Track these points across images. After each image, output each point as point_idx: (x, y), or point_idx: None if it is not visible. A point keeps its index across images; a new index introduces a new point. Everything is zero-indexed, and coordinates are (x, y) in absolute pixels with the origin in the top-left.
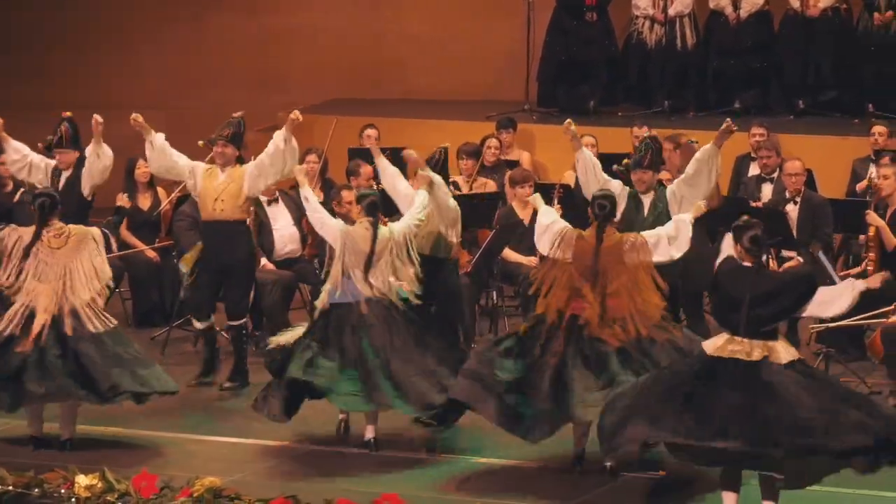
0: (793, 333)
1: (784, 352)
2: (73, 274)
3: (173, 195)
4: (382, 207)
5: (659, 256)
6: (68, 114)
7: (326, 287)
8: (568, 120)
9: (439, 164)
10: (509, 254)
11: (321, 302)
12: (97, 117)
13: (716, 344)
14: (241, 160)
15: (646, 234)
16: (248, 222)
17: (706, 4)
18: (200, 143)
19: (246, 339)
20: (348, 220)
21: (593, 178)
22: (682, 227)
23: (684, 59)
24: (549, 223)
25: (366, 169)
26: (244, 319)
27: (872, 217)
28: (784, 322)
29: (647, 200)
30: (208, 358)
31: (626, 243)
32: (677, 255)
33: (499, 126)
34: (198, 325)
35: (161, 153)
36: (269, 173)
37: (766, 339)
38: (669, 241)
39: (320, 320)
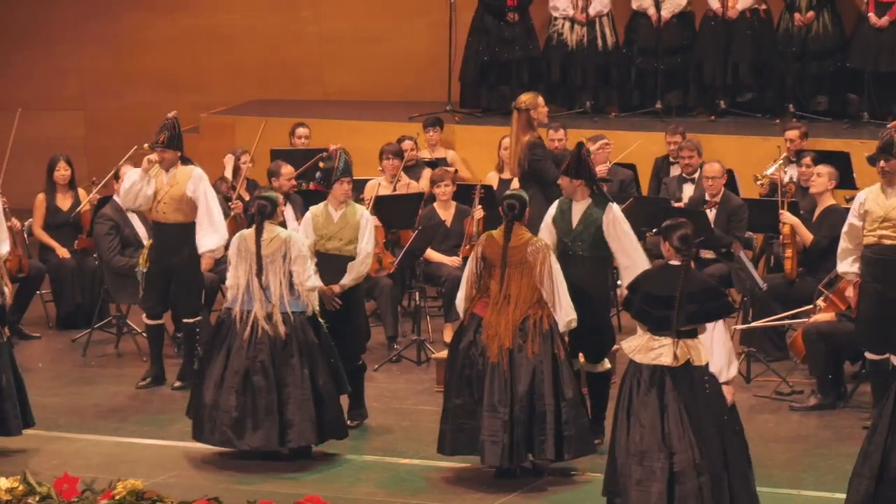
0: None
1: (704, 352)
2: None
3: (91, 195)
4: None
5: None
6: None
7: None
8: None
9: (339, 168)
10: (431, 254)
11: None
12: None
13: (637, 345)
14: (186, 160)
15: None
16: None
17: (627, 5)
18: (146, 145)
19: (198, 340)
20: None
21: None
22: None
23: (605, 60)
24: None
25: (287, 169)
26: (194, 319)
27: (786, 216)
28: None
29: (577, 209)
30: (155, 358)
31: (531, 245)
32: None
33: (426, 125)
34: (147, 321)
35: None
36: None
37: (687, 338)
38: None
39: (214, 328)
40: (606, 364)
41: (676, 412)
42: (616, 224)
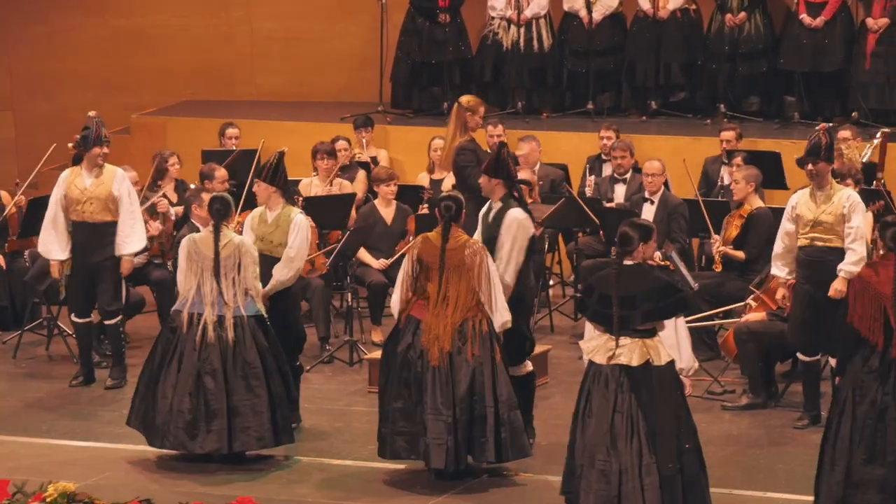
0: None
1: (664, 351)
2: None
3: (17, 197)
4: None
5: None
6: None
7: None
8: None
9: (271, 171)
10: (362, 255)
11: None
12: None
13: (595, 346)
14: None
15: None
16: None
17: (561, 6)
18: (70, 144)
19: (123, 337)
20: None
21: None
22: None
23: (541, 62)
24: None
25: (220, 172)
26: (118, 318)
27: (718, 249)
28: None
29: (495, 208)
30: (84, 356)
31: (469, 247)
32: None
33: (357, 125)
34: (76, 319)
35: None
36: None
37: (646, 337)
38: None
39: (165, 332)
40: (529, 366)
41: (628, 413)
42: (510, 228)
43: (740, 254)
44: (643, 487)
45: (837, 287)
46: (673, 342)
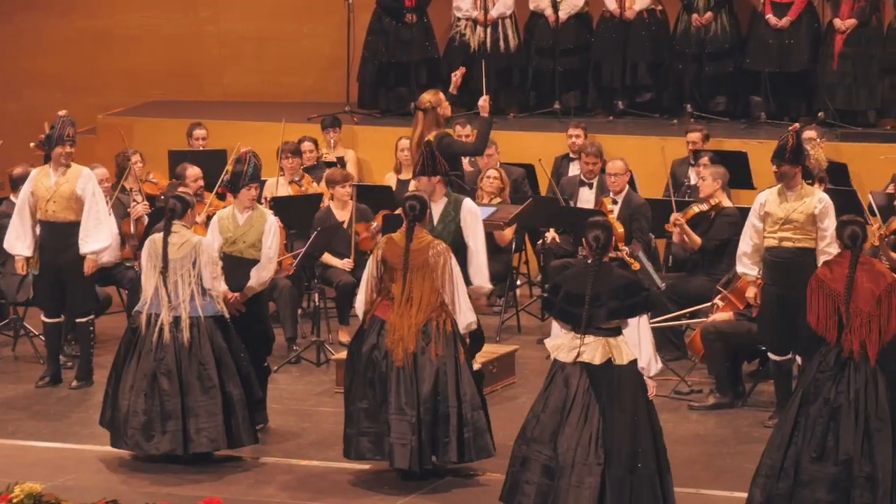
0: None
1: (626, 350)
2: None
3: None
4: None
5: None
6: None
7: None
8: None
9: (248, 174)
10: (326, 258)
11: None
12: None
13: (560, 343)
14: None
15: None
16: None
17: (526, 6)
18: (32, 144)
19: (92, 339)
20: None
21: None
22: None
23: (507, 61)
24: None
25: (192, 171)
26: (87, 318)
27: (675, 217)
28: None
29: (436, 209)
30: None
31: (433, 248)
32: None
33: (324, 126)
34: (45, 319)
35: None
36: None
37: (611, 336)
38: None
39: (126, 333)
40: (476, 365)
41: (584, 410)
42: (472, 214)
43: (697, 238)
44: (582, 486)
45: None
46: (635, 341)
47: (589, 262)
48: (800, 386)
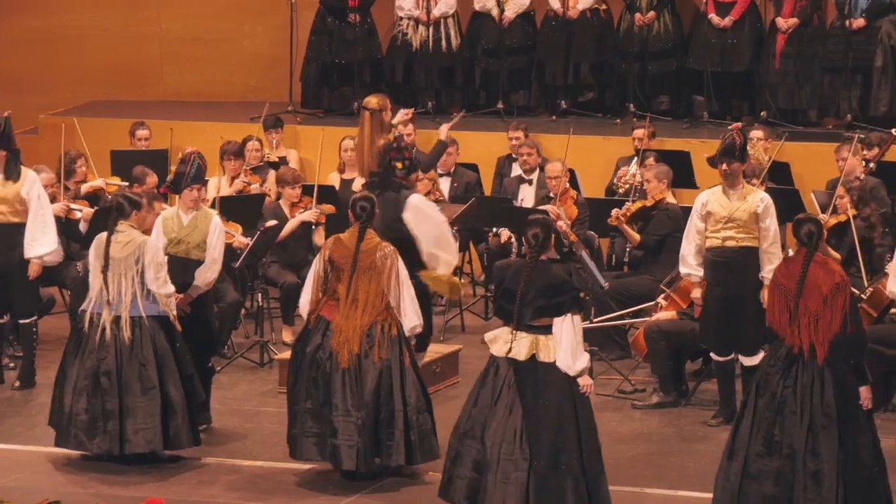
0: None
1: (553, 349)
2: None
3: None
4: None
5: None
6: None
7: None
8: None
9: (190, 175)
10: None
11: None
12: None
13: (495, 336)
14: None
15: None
16: None
17: (470, 5)
18: None
19: (35, 339)
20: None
21: None
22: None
23: (450, 61)
24: None
25: (152, 178)
26: (30, 319)
27: (616, 212)
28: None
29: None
30: None
31: (380, 250)
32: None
33: (266, 126)
34: None
35: None
36: None
37: (541, 333)
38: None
39: (71, 332)
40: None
41: (509, 405)
42: (418, 211)
43: (636, 235)
44: (508, 482)
45: (765, 295)
46: (558, 339)
47: (537, 259)
48: (752, 380)
